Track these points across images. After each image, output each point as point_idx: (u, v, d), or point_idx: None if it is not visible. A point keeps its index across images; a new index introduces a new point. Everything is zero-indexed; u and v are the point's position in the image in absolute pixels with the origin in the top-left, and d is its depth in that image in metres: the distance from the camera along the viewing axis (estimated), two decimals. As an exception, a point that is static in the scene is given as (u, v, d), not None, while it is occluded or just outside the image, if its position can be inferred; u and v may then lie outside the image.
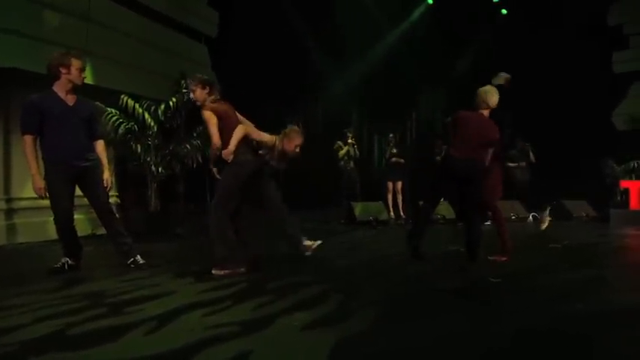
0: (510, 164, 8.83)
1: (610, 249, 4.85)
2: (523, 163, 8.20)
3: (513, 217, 7.88)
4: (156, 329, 2.20)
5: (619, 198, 8.04)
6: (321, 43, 10.46)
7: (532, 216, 7.81)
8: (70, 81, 3.35)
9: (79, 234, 3.60)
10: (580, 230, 6.45)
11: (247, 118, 3.76)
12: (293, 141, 3.76)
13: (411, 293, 3.02)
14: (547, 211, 6.23)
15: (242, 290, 2.99)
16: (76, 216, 3.54)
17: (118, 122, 5.74)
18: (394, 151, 8.11)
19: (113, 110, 5.73)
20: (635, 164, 8.34)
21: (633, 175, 8.29)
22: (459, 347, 2.03)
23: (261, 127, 3.78)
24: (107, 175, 3.56)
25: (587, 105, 9.18)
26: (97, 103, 5.69)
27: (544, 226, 6.08)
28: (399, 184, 8.23)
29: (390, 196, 8.18)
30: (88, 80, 5.55)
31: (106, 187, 3.56)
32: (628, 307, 2.60)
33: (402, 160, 8.17)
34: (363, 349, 2.00)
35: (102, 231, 5.89)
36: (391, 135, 8.36)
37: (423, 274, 3.48)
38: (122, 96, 5.73)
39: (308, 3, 9.94)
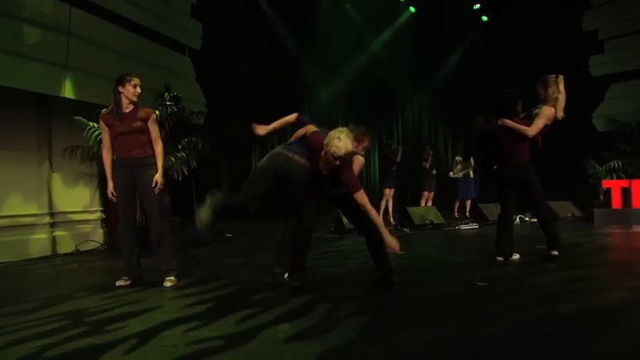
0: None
1: (594, 248, 4.92)
2: None
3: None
4: (137, 347, 2.15)
5: (601, 197, 8.18)
6: (306, 52, 10.52)
7: (518, 218, 7.88)
8: None
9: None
10: (565, 230, 6.52)
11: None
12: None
13: (398, 300, 3.01)
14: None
15: (226, 303, 2.95)
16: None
17: (100, 137, 5.65)
18: (398, 159, 8.41)
19: (95, 124, 5.65)
20: (616, 164, 8.50)
21: (614, 175, 8.45)
22: (449, 352, 2.02)
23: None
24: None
25: (569, 108, 9.36)
26: (79, 117, 5.63)
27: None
28: (393, 191, 8.46)
29: (383, 202, 8.33)
30: (70, 95, 5.52)
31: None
32: (614, 306, 2.63)
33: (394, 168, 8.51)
34: (350, 359, 1.98)
35: (86, 247, 5.86)
36: (394, 144, 8.95)
37: (409, 281, 3.48)
38: (104, 110, 5.65)
39: (291, 13, 10.02)
